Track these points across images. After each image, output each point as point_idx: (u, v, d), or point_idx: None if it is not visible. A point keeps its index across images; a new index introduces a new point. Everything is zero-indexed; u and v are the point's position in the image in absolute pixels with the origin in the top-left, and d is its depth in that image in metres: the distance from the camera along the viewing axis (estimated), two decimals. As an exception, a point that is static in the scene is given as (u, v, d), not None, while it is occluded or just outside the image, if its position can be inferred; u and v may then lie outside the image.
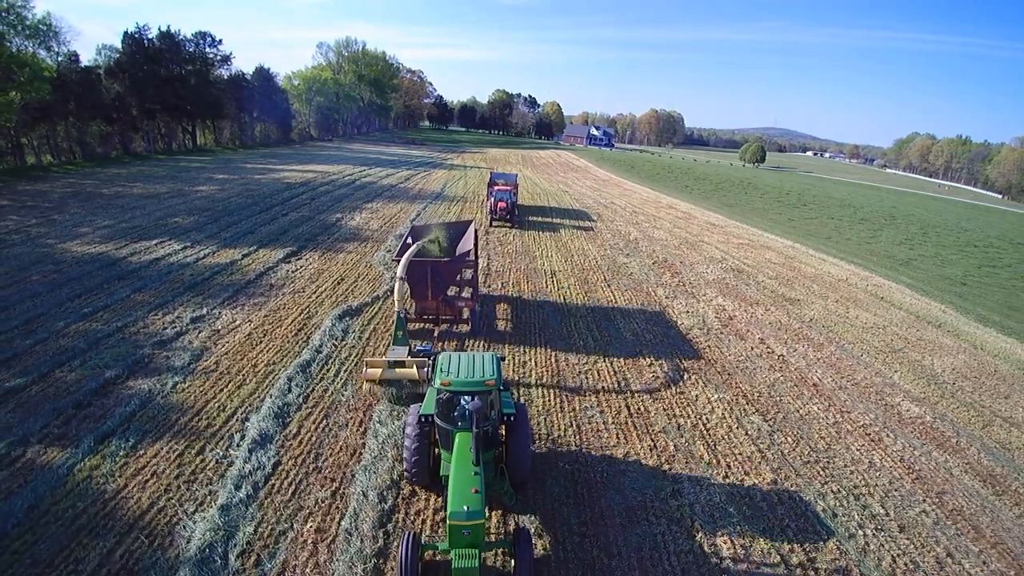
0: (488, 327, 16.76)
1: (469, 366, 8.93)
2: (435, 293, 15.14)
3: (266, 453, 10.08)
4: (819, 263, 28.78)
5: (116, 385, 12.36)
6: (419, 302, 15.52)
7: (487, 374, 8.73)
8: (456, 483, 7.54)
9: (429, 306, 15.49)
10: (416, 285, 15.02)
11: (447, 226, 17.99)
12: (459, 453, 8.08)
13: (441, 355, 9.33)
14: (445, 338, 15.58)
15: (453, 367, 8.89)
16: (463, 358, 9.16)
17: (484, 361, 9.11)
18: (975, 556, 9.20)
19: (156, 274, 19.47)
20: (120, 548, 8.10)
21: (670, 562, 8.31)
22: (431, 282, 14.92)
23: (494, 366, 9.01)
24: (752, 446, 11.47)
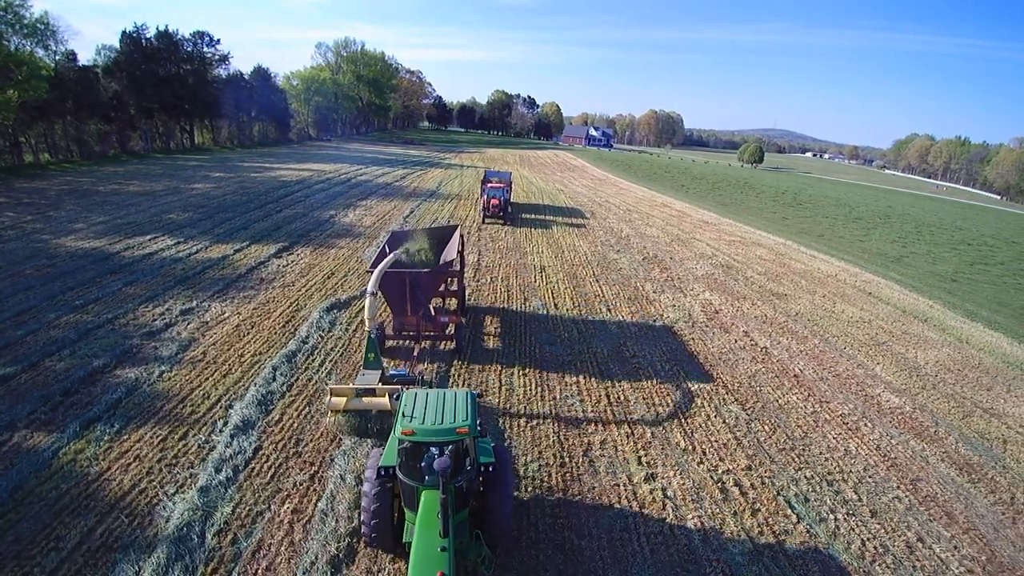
0: (474, 330, 16.16)
1: (437, 410, 7.43)
2: (415, 307, 13.45)
3: (248, 438, 10.25)
4: (809, 260, 28.95)
5: (104, 374, 12.53)
6: (397, 317, 13.82)
7: (459, 419, 7.25)
8: (418, 559, 6.32)
9: (409, 322, 13.67)
10: (393, 299, 13.43)
11: (430, 232, 16.70)
12: (424, 517, 6.80)
13: (405, 395, 7.86)
14: (427, 358, 14.02)
15: (418, 411, 7.38)
16: (430, 398, 7.69)
17: (456, 402, 7.59)
18: (946, 541, 9.35)
19: (148, 268, 19.64)
20: (101, 527, 8.27)
21: (639, 545, 8.47)
22: (410, 295, 13.22)
23: (468, 408, 7.49)
24: (729, 434, 11.63)
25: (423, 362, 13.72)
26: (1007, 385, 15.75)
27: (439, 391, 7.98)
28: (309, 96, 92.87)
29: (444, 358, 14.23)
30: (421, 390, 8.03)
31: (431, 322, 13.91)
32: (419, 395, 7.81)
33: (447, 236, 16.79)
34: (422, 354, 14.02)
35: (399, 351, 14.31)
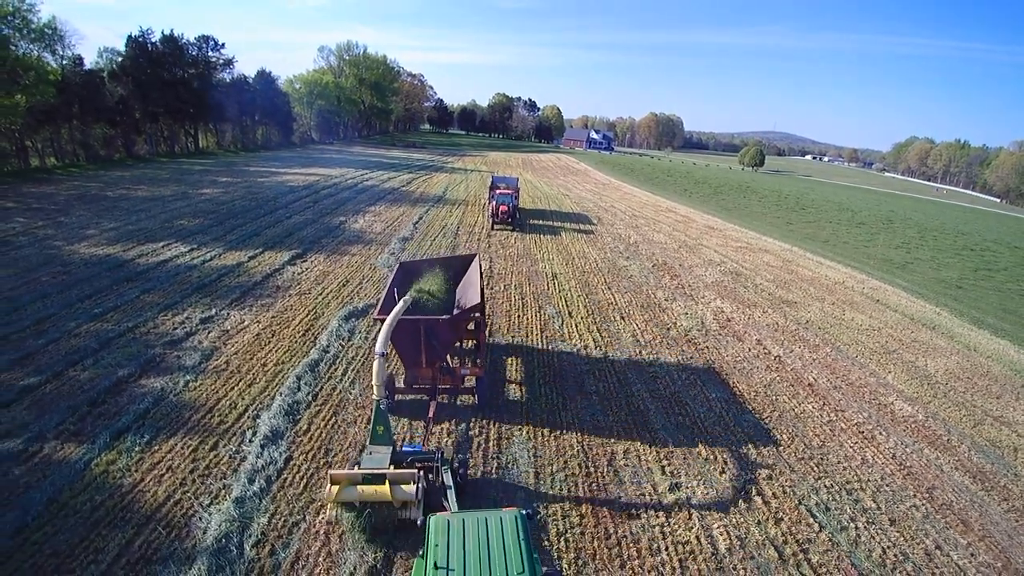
0: (489, 335, 15.70)
1: (480, 557, 5.60)
2: (430, 359, 11.53)
3: (277, 448, 10.42)
4: (816, 266, 29.16)
5: (129, 383, 12.69)
6: (410, 369, 11.88)
7: (513, 570, 5.47)
8: None
9: (423, 375, 11.84)
10: (405, 349, 11.45)
11: (445, 263, 14.52)
12: None
13: (433, 524, 6.01)
14: (445, 416, 12.00)
15: (455, 560, 5.58)
16: (469, 534, 5.84)
17: (505, 539, 5.76)
18: (963, 548, 9.52)
19: (164, 275, 19.80)
20: (139, 539, 8.42)
21: (668, 554, 8.64)
22: (425, 345, 11.31)
23: (522, 549, 5.68)
24: (749, 444, 11.81)
25: (440, 421, 11.75)
26: (1016, 393, 15.94)
27: (479, 516, 6.09)
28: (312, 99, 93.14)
29: (463, 415, 12.15)
30: (454, 517, 6.13)
31: (449, 375, 12.01)
32: (453, 528, 5.91)
33: (464, 267, 14.81)
34: (438, 412, 11.80)
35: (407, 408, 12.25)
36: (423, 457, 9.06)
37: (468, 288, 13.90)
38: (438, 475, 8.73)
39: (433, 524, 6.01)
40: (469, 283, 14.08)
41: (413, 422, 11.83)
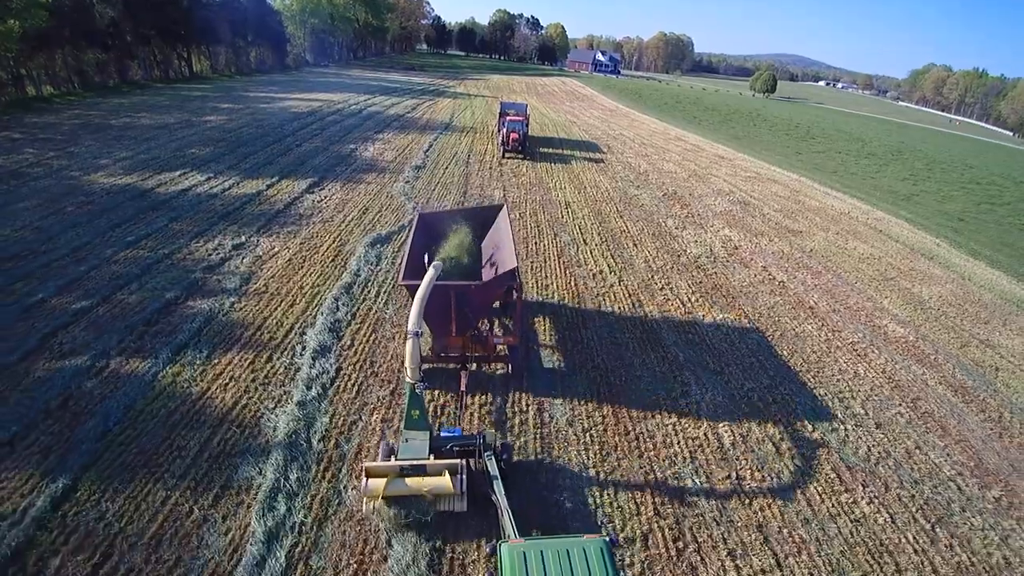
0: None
1: None
2: (462, 328, 10.60)
3: (327, 361, 11.51)
4: (823, 196, 29.52)
5: (178, 305, 13.63)
6: (439, 339, 10.93)
7: None
8: None
9: (453, 344, 10.89)
10: (434, 318, 10.33)
11: (467, 216, 13.27)
12: None
13: (506, 552, 5.39)
14: (477, 386, 11.10)
15: None
16: (551, 570, 5.20)
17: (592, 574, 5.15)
18: (940, 449, 10.79)
19: (187, 204, 20.31)
20: (216, 437, 9.60)
21: (679, 446, 9.92)
22: (456, 314, 10.31)
23: None
24: (752, 358, 12.95)
25: (472, 394, 10.86)
26: (1003, 319, 16.95)
27: (559, 546, 5.42)
28: (304, 17, 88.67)
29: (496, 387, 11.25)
30: (531, 547, 5.40)
31: (481, 343, 11.01)
32: (531, 561, 5.23)
33: (490, 220, 13.68)
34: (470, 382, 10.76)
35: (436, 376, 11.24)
36: (464, 442, 8.41)
37: (497, 245, 12.77)
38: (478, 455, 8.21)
39: (507, 556, 5.25)
40: (498, 239, 12.96)
41: (443, 394, 10.91)
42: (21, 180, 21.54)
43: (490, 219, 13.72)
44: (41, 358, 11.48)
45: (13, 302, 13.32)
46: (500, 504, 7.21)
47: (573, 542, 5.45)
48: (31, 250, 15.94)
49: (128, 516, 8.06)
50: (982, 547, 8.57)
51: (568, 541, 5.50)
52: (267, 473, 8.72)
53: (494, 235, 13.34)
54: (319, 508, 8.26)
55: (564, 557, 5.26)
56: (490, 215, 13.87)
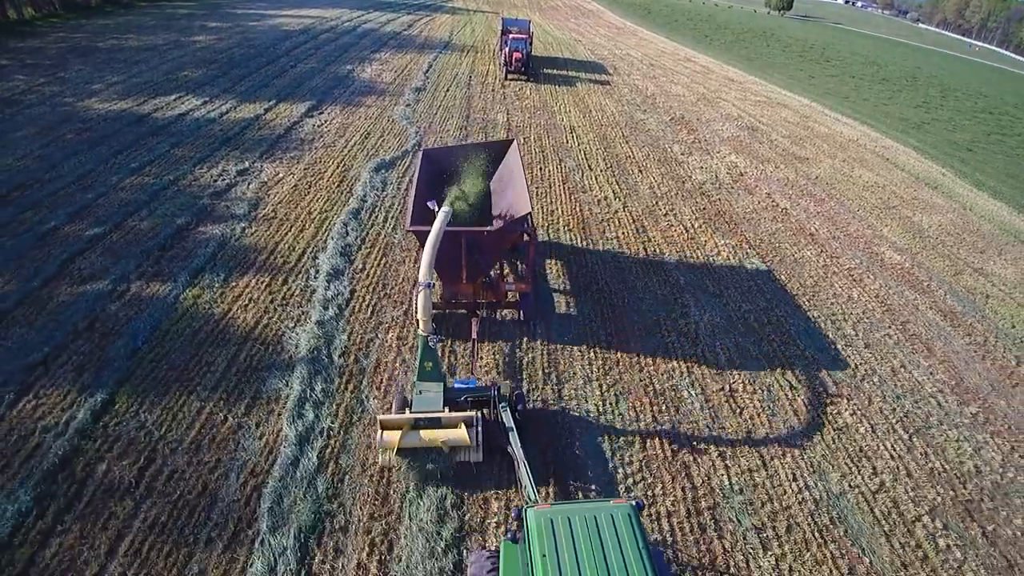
0: None
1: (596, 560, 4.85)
2: (472, 275, 10.23)
3: (341, 283, 11.92)
4: (833, 123, 28.87)
5: (189, 231, 13.85)
6: (449, 286, 10.58)
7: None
8: None
9: (463, 290, 10.55)
10: (444, 265, 9.89)
11: (474, 152, 12.57)
12: None
13: (533, 517, 5.24)
14: (488, 334, 10.89)
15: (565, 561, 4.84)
16: (579, 536, 5.04)
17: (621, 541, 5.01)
18: (924, 368, 11.41)
19: (186, 129, 19.98)
20: (242, 353, 10.16)
21: (677, 361, 10.56)
22: (466, 260, 9.93)
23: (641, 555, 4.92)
24: (751, 281, 13.38)
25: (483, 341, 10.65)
26: (999, 249, 17.22)
27: (586, 512, 5.27)
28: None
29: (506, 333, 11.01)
30: (557, 512, 5.24)
31: (492, 290, 10.67)
32: (558, 527, 5.09)
33: (499, 156, 12.95)
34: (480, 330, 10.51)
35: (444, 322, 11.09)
36: (478, 393, 8.35)
37: (507, 184, 12.15)
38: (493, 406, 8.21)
39: (534, 521, 5.18)
40: (508, 177, 12.30)
41: (454, 342, 10.70)
42: (15, 108, 21.03)
43: (499, 155, 12.99)
44: (63, 283, 11.87)
45: (26, 230, 13.54)
46: (516, 456, 7.19)
47: (600, 507, 5.33)
48: (36, 179, 15.94)
49: (167, 425, 8.74)
50: (955, 456, 9.35)
51: (595, 506, 5.39)
52: (293, 385, 9.35)
53: (504, 173, 12.62)
54: (344, 415, 8.95)
55: (592, 523, 5.15)
56: (499, 150, 13.09)
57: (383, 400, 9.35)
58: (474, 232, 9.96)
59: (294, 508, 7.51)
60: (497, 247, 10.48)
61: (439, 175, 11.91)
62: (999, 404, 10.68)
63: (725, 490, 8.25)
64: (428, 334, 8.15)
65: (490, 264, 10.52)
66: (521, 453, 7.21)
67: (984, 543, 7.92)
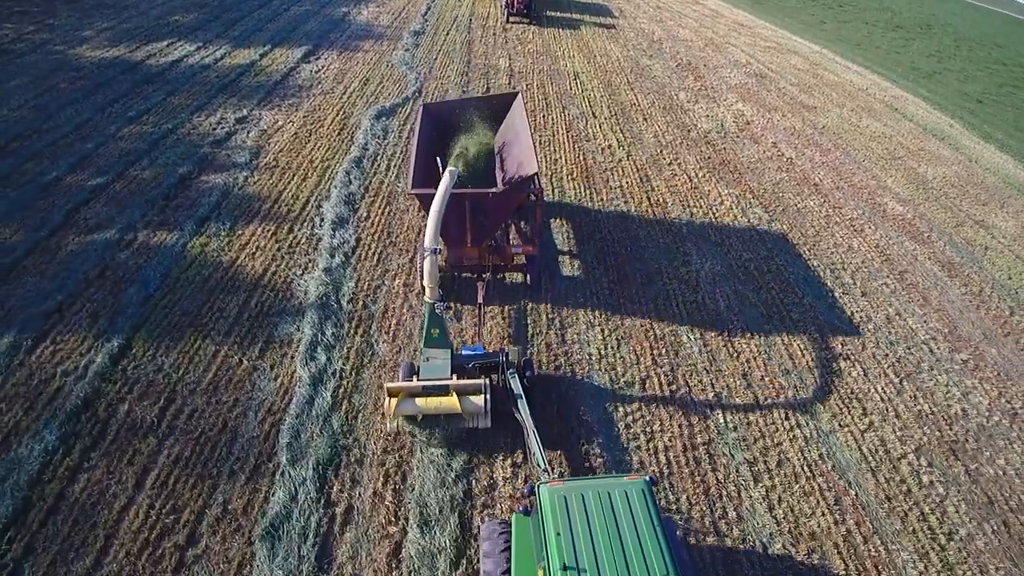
0: None
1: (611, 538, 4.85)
2: (478, 238, 9.91)
3: (346, 231, 12.03)
4: (843, 71, 28.13)
5: (192, 180, 13.82)
6: (453, 250, 10.13)
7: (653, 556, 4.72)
8: None
9: (468, 254, 10.18)
10: (448, 229, 9.49)
11: (477, 106, 12.09)
12: None
13: (546, 493, 5.23)
14: (496, 298, 10.66)
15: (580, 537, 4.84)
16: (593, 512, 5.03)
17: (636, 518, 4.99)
18: (919, 316, 11.66)
19: (181, 76, 19.54)
20: (252, 299, 10.38)
21: (677, 308, 10.84)
22: (471, 223, 9.61)
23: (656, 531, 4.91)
24: (752, 231, 13.49)
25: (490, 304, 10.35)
26: (1002, 202, 17.17)
27: (600, 488, 5.25)
28: None
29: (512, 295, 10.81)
30: (571, 489, 5.22)
31: (498, 253, 10.33)
32: (572, 504, 5.07)
33: (503, 110, 12.37)
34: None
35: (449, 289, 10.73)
36: (486, 359, 8.27)
37: (512, 140, 11.70)
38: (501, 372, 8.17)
39: (548, 498, 5.17)
40: (513, 133, 11.82)
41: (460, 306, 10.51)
42: (7, 58, 20.47)
43: (503, 108, 12.43)
44: (70, 233, 11.98)
45: (28, 181, 13.53)
46: (525, 424, 7.16)
47: (614, 483, 5.34)
48: (34, 129, 15.77)
49: (184, 367, 9.06)
50: (943, 399, 9.71)
51: (608, 482, 5.38)
52: (304, 329, 9.62)
53: (508, 128, 12.10)
54: (355, 358, 9.27)
55: (605, 500, 5.13)
56: (503, 104, 12.55)
57: (392, 344, 9.65)
58: (479, 194, 9.55)
59: (311, 443, 7.91)
60: (503, 209, 10.04)
61: (440, 131, 11.49)
62: (990, 352, 10.99)
63: (720, 427, 8.65)
64: (435, 301, 7.93)
65: (496, 227, 10.21)
66: (530, 421, 7.18)
67: (966, 480, 8.35)
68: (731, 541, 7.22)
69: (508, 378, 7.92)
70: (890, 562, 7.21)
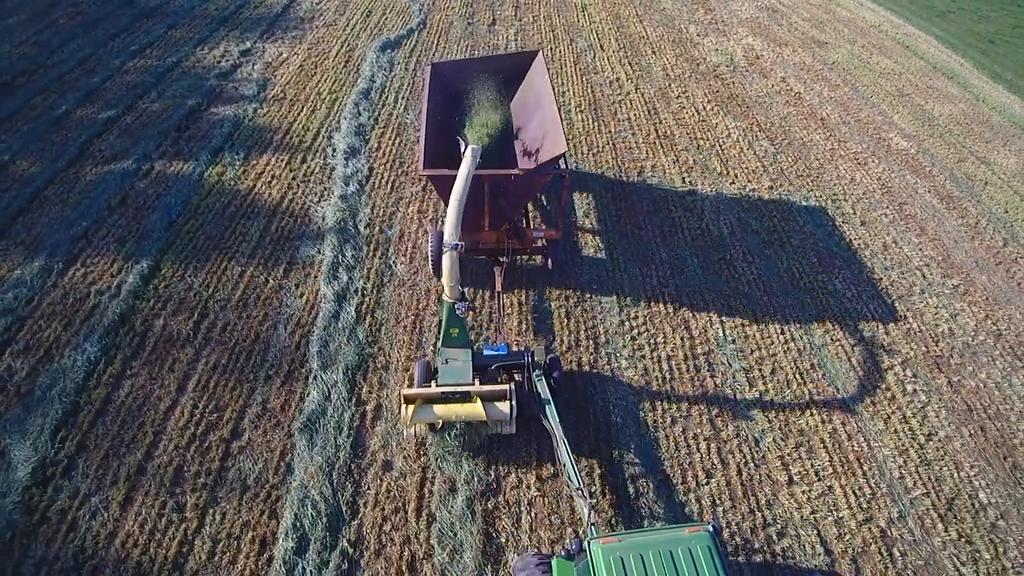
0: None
1: None
2: (496, 222, 9.19)
3: (359, 161, 12.27)
4: (856, 7, 27.36)
5: (202, 112, 13.91)
6: (469, 233, 8.85)
7: None
8: None
9: (486, 238, 9.32)
10: (465, 210, 7.74)
11: (493, 67, 10.95)
12: None
13: (600, 552, 4.86)
14: (516, 283, 9.83)
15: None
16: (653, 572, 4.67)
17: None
18: (914, 245, 12.03)
19: (180, 10, 19.17)
20: (272, 224, 10.77)
21: (682, 234, 11.26)
22: (489, 206, 8.85)
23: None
24: (758, 163, 13.69)
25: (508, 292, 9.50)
26: (1005, 140, 17.17)
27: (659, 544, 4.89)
28: None
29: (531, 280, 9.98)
30: (628, 547, 4.84)
31: (518, 237, 9.34)
32: (630, 565, 4.71)
33: (520, 71, 11.15)
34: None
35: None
36: (510, 360, 7.56)
37: (532, 109, 10.67)
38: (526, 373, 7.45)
39: (603, 559, 4.77)
40: (533, 100, 10.74)
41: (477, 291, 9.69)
42: (0, -6, 20.01)
43: (521, 70, 11.14)
44: (87, 164, 12.23)
45: (39, 115, 13.65)
46: (555, 434, 6.63)
47: (675, 539, 4.91)
48: (39, 64, 15.70)
49: (213, 286, 9.56)
50: (932, 320, 10.22)
51: (669, 537, 4.96)
52: (325, 252, 10.06)
53: (528, 93, 10.98)
54: (375, 277, 9.77)
55: (667, 558, 4.72)
56: (522, 63, 11.21)
57: (408, 265, 10.09)
58: (499, 176, 8.61)
59: (340, 351, 8.50)
60: (525, 192, 9.19)
61: (451, 94, 10.51)
62: (981, 279, 11.43)
63: (719, 340, 9.23)
64: (455, 300, 7.09)
65: (516, 210, 9.30)
66: (560, 430, 6.62)
67: (948, 390, 8.96)
68: (725, 435, 7.92)
69: (535, 381, 7.23)
70: (871, 456, 7.91)
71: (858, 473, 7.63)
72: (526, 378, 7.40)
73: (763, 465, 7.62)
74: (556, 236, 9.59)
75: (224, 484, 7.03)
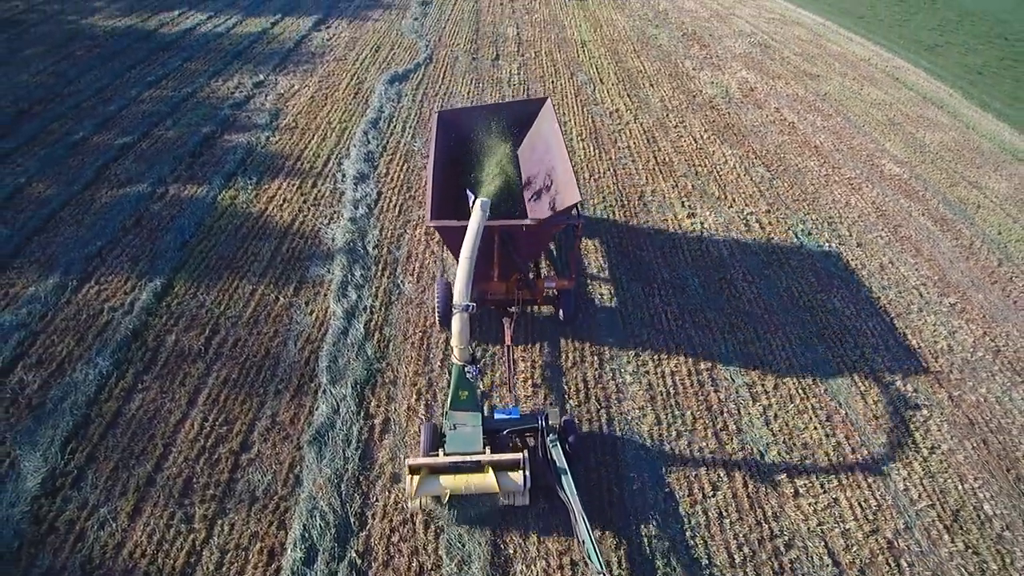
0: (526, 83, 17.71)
1: None
2: (505, 273, 8.80)
3: (368, 186, 12.64)
4: (846, 42, 28.41)
5: (216, 139, 14.40)
6: (479, 284, 8.41)
7: None
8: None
9: (495, 289, 8.90)
10: (476, 262, 7.08)
11: (501, 114, 10.55)
12: None
13: None
14: (526, 335, 9.31)
15: None
16: None
17: None
18: (910, 265, 12.28)
19: (195, 44, 19.97)
20: (284, 246, 11.04)
21: (683, 254, 11.51)
22: (499, 257, 8.43)
23: None
24: (754, 187, 14.08)
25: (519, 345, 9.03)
26: (996, 165, 17.64)
27: None
28: None
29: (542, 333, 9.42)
30: None
31: (529, 287, 8.86)
32: None
33: (528, 118, 10.92)
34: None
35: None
36: (522, 424, 7.11)
37: (540, 155, 10.45)
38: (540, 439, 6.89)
39: None
40: (542, 147, 10.47)
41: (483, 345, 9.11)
42: (20, 28, 20.89)
43: (529, 117, 10.94)
44: (102, 187, 12.61)
45: (56, 140, 14.13)
46: (572, 507, 6.20)
47: None
48: (56, 93, 16.31)
49: (224, 303, 9.76)
50: (931, 337, 10.38)
51: None
52: (335, 271, 10.30)
53: (536, 140, 10.79)
54: (383, 295, 9.97)
55: None
56: (530, 111, 11.03)
57: (416, 285, 10.32)
58: (510, 227, 8.23)
59: (348, 366, 8.63)
60: (537, 242, 8.87)
61: (457, 141, 10.35)
62: (977, 297, 11.63)
63: (722, 356, 9.37)
64: (465, 363, 6.62)
65: (527, 261, 8.89)
66: (578, 504, 6.15)
67: (949, 404, 9.05)
68: (730, 448, 7.98)
69: (549, 447, 6.72)
70: (876, 468, 7.96)
71: (863, 485, 7.67)
72: (540, 443, 6.89)
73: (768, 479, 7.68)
74: (568, 286, 9.15)
75: (233, 495, 7.07)
